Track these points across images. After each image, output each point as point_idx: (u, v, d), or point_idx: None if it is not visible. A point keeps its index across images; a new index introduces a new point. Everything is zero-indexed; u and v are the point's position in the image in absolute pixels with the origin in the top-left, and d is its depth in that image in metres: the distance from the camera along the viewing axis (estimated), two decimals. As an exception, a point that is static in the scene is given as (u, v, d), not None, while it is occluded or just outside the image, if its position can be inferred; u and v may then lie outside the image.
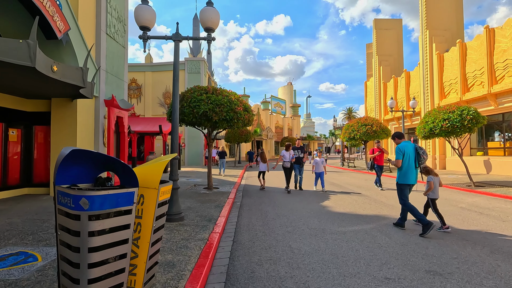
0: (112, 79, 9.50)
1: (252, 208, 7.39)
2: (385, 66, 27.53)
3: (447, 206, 7.48)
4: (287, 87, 64.63)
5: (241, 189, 11.15)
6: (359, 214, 6.54)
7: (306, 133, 62.31)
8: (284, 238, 4.81)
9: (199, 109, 8.84)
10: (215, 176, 15.16)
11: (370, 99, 30.77)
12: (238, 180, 14.28)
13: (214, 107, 8.93)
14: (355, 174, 17.59)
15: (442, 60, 18.99)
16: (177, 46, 5.92)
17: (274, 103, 50.68)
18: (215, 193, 9.31)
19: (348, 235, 4.96)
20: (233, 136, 25.00)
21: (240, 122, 9.49)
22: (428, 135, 12.10)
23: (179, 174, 15.95)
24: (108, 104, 8.94)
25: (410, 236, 4.85)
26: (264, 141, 45.02)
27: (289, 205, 7.73)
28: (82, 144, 8.03)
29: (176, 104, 5.84)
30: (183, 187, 10.60)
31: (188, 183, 12.08)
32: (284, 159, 9.88)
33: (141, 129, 17.34)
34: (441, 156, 19.07)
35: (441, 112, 11.71)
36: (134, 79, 26.81)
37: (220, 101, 9.04)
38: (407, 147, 5.13)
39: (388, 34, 28.41)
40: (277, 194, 9.63)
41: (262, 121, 45.02)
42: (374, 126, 20.54)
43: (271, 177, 15.72)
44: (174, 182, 5.75)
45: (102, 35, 8.74)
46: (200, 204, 7.46)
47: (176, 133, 5.77)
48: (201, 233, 4.87)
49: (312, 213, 6.66)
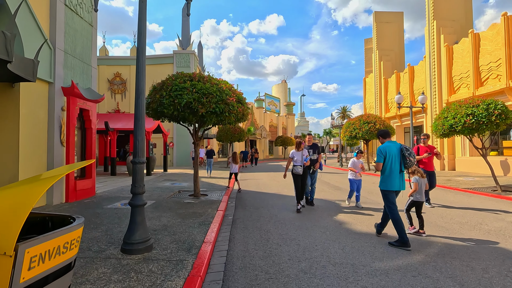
0: (75, 63, 7.71)
1: (248, 225, 5.71)
2: (386, 61, 26.13)
3: (495, 222, 5.91)
4: (281, 85, 62.98)
5: (234, 195, 9.47)
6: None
7: (301, 132, 60.78)
8: (299, 285, 3.16)
9: (181, 100, 7.13)
10: (204, 180, 13.43)
11: (369, 96, 29.38)
12: (230, 183, 12.58)
13: (201, 97, 7.23)
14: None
15: (451, 53, 17.61)
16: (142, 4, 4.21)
17: (268, 101, 49.08)
18: (202, 203, 7.61)
19: (393, 277, 3.33)
20: (226, 134, 23.28)
21: (232, 116, 7.80)
22: (447, 132, 10.59)
23: (164, 177, 14.19)
24: (67, 93, 7.16)
25: (481, 275, 3.27)
26: (258, 140, 43.36)
27: (295, 220, 6.08)
28: (27, 144, 6.24)
29: (141, 86, 4.12)
30: (165, 194, 8.86)
31: (172, 188, 10.33)
32: (295, 162, 6.88)
33: (123, 126, 15.50)
34: (450, 156, 17.69)
35: (463, 107, 10.22)
36: (118, 73, 24.86)
37: (208, 90, 7.34)
38: (389, 148, 4.56)
39: (388, 28, 27.03)
40: (276, 203, 7.98)
41: (256, 119, 43.36)
42: (377, 124, 19.11)
43: (267, 180, 14.14)
44: (137, 196, 4.04)
45: (58, 5, 6.95)
46: (181, 220, 5.75)
47: (140, 128, 4.06)
48: (173, 278, 3.18)
49: (329, 235, 5.02)
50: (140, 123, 4.08)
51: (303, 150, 6.89)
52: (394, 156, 4.51)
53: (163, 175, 15.57)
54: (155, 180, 13.06)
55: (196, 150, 8.92)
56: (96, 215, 6.02)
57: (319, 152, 7.69)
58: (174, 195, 8.94)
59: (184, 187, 10.80)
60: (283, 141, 43.48)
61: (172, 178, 13.79)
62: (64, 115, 7.16)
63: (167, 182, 12.36)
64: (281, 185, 12.07)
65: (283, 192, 10.10)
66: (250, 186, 11.86)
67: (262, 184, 12.55)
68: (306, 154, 6.97)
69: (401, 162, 4.51)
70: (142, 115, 4.09)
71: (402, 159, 4.50)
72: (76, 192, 7.45)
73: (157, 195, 8.82)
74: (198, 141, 8.89)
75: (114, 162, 14.83)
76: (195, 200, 8.11)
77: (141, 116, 4.09)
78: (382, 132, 4.79)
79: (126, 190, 9.77)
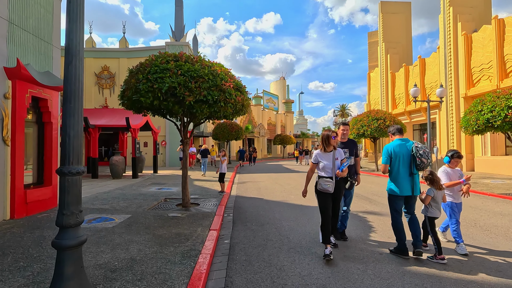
0: (26, 37, 6.00)
1: (251, 257, 4.06)
2: (393, 54, 24.54)
3: None
4: (280, 82, 61.14)
5: (231, 205, 7.82)
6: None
7: (300, 130, 59.20)
8: None
9: (162, 84, 5.46)
10: (197, 183, 11.74)
11: (374, 92, 27.80)
12: (227, 187, 10.93)
13: (188, 81, 5.57)
14: (374, 178, 14.48)
15: (470, 42, 16.05)
16: None
17: (266, 98, 47.39)
18: (191, 217, 5.95)
19: None
20: (222, 132, 21.61)
21: (229, 107, 6.14)
22: (482, 128, 9.03)
23: (153, 179, 12.39)
24: (12, 75, 5.45)
25: None
26: (256, 138, 41.72)
27: (316, 248, 4.44)
28: None
29: (75, 42, 2.45)
30: (146, 204, 7.19)
31: (157, 195, 8.66)
32: (323, 171, 4.02)
33: (106, 122, 13.78)
34: (468, 156, 16.17)
35: (502, 98, 8.66)
36: (106, 66, 23.05)
37: (198, 73, 5.69)
38: (397, 147, 4.00)
39: (395, 19, 25.43)
40: (285, 216, 6.33)
41: (254, 117, 41.71)
42: (387, 121, 17.57)
43: (269, 183, 12.34)
44: (67, 232, 2.39)
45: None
46: (158, 248, 4.10)
47: (72, 115, 2.38)
48: None
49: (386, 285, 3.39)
50: (73, 108, 2.40)
51: (335, 151, 4.03)
52: (403, 156, 3.93)
53: (152, 177, 13.88)
54: (141, 184, 11.38)
55: (185, 150, 7.27)
56: (40, 241, 4.34)
57: (356, 154, 4.68)
58: (158, 205, 7.27)
59: (173, 193, 9.13)
60: (282, 140, 41.87)
61: (161, 182, 12.10)
62: (8, 104, 5.45)
63: (154, 186, 10.67)
64: (286, 190, 10.43)
65: (290, 200, 8.46)
66: (249, 192, 10.21)
67: (263, 189, 10.91)
68: (342, 156, 4.12)
69: (412, 163, 3.89)
70: (75, 95, 2.41)
71: (413, 159, 3.87)
72: (27, 205, 5.76)
73: (136, 205, 7.14)
74: (188, 139, 7.23)
75: (95, 163, 13.11)
76: (183, 212, 6.45)
77: (74, 97, 2.41)
78: (394, 128, 4.19)
79: (102, 198, 8.08)
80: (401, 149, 3.95)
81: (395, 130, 4.17)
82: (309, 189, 4.36)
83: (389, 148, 4.03)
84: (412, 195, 3.92)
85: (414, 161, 3.86)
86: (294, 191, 10.15)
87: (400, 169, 3.92)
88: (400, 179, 3.90)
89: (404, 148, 3.95)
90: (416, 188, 3.94)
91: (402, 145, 3.98)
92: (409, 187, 3.90)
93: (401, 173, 3.91)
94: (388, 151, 4.03)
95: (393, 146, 4.01)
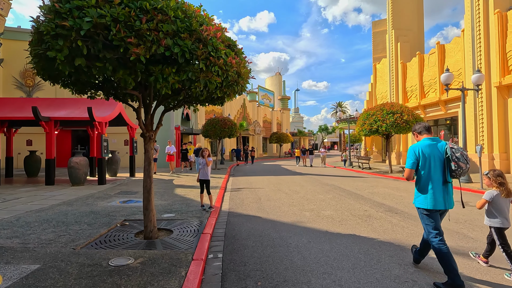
0: None
1: None
2: (404, 42, 22.09)
3: None
4: (276, 77, 58.31)
5: (221, 231, 5.20)
6: None
7: (296, 128, 56.66)
8: None
9: (80, 21, 2.80)
10: (180, 191, 9.02)
11: (381, 85, 25.33)
12: (217, 195, 8.31)
13: (135, 16, 2.92)
14: (389, 182, 11.98)
15: (505, 21, 13.66)
16: None
17: (262, 94, 44.74)
18: (149, 268, 3.31)
19: None
20: (213, 129, 18.89)
21: (214, 73, 3.49)
22: None
23: (124, 186, 9.11)
24: None
25: None
26: (251, 137, 39.11)
27: None
28: None
29: None
30: (89, 233, 4.51)
31: (115, 214, 5.97)
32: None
33: (67, 115, 11.00)
34: (502, 156, 13.78)
35: None
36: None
37: (155, 3, 3.04)
38: (427, 148, 3.23)
39: (406, 4, 22.99)
40: (312, 256, 3.77)
41: (249, 113, 39.11)
42: (404, 115, 15.12)
43: (270, 189, 9.41)
44: None
45: None
46: None
47: None
48: None
49: None
50: None
51: None
52: (433, 160, 3.19)
53: (125, 182, 11.17)
54: (104, 194, 8.66)
55: (147, 150, 4.62)
56: None
57: None
58: (106, 236, 4.61)
59: (141, 209, 6.47)
60: (279, 138, 39.23)
61: (132, 190, 9.40)
62: None
63: (120, 197, 7.98)
64: (296, 202, 7.84)
65: (306, 220, 5.85)
66: (246, 205, 7.59)
67: (265, 199, 8.29)
68: None
69: (446, 168, 3.15)
70: None
71: (447, 164, 3.14)
72: None
73: (69, 238, 4.46)
74: (152, 132, 4.58)
75: (51, 166, 10.32)
76: (139, 254, 3.81)
77: None
78: (420, 126, 3.43)
79: (23, 222, 5.39)
80: (432, 151, 3.23)
81: (422, 128, 3.44)
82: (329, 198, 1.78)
83: (417, 149, 3.29)
84: (445, 208, 3.18)
85: (449, 166, 3.16)
86: (307, 204, 7.58)
87: (432, 176, 3.19)
88: (433, 188, 3.17)
89: (435, 149, 3.24)
90: (450, 201, 3.20)
91: (433, 145, 3.26)
92: (442, 199, 3.16)
93: (433, 180, 3.18)
94: (415, 153, 3.28)
95: (422, 147, 3.27)
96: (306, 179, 13.53)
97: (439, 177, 3.17)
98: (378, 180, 12.94)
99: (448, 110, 17.57)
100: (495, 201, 3.47)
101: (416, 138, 3.48)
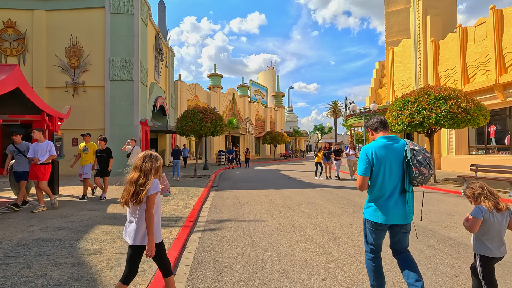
0: None
1: None
2: (434, 16, 17.63)
3: None
4: (269, 72, 53.50)
5: None
6: None
7: (291, 127, 52.05)
8: None
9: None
10: (113, 209, 4.06)
11: (401, 72, 20.80)
12: (173, 256, 3.19)
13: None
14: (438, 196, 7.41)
15: None
16: None
17: (254, 89, 39.87)
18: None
19: None
20: (191, 123, 13.75)
21: None
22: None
23: None
24: None
25: None
26: (242, 136, 34.25)
27: None
28: None
29: None
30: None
31: None
32: None
33: None
34: None
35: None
36: (10, 21, 14.98)
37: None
38: (381, 150, 2.53)
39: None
40: None
41: (239, 110, 34.28)
42: (462, 101, 10.61)
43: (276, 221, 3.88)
44: None
45: None
46: None
47: None
48: None
49: None
50: None
51: None
52: (389, 164, 2.50)
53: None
54: None
55: None
56: None
57: None
58: None
59: None
60: (273, 138, 34.36)
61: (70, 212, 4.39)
62: None
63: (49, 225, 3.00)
64: (346, 267, 3.13)
65: None
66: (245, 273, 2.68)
67: (273, 268, 3.39)
68: None
69: (405, 174, 2.47)
70: None
71: (407, 169, 2.47)
72: None
73: None
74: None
75: None
76: None
77: None
78: (374, 121, 2.71)
79: None
80: (388, 153, 2.51)
81: (377, 124, 2.67)
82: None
83: (369, 150, 2.55)
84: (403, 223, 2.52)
85: (409, 171, 2.46)
86: None
87: (385, 184, 2.50)
88: (385, 198, 2.50)
89: (392, 151, 2.51)
90: (410, 213, 2.52)
91: (389, 146, 2.53)
92: (399, 212, 2.48)
93: (387, 190, 2.49)
94: (368, 155, 2.54)
95: (376, 148, 2.53)
96: (327, 196, 8.75)
97: (393, 184, 2.50)
98: (441, 199, 8.25)
99: (507, 97, 13.11)
100: (485, 220, 2.43)
101: (371, 136, 2.73)
